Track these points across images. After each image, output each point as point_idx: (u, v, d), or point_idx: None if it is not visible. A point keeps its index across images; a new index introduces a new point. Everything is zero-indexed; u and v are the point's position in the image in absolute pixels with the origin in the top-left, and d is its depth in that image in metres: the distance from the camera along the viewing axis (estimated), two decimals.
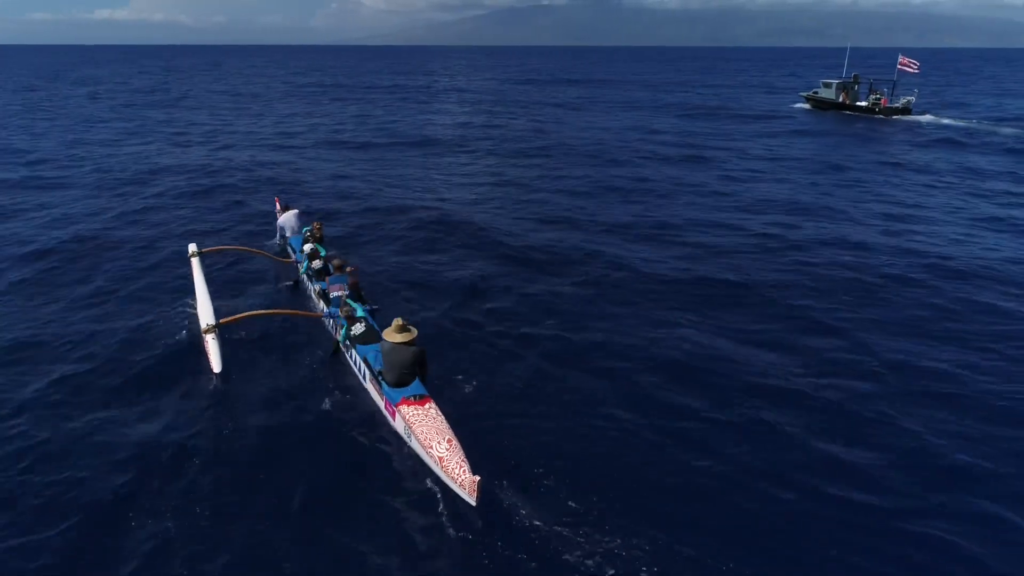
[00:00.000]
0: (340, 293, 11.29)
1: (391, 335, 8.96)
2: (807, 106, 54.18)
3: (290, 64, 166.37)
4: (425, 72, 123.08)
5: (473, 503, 7.26)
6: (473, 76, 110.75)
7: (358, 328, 10.17)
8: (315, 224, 14.53)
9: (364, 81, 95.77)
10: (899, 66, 46.39)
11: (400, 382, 8.93)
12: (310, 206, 20.62)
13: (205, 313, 11.31)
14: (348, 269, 11.61)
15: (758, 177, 26.67)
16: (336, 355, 10.89)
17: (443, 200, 22.35)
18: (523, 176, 26.82)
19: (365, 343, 10.04)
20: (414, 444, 8.32)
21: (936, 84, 79.77)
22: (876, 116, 47.47)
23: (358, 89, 79.77)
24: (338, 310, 10.92)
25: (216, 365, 10.06)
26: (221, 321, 10.80)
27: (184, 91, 74.44)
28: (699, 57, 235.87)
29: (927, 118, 45.67)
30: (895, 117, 46.73)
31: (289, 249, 15.62)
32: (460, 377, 10.31)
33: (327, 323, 11.57)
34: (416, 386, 8.91)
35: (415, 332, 9.08)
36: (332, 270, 11.79)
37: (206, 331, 10.61)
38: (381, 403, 9.23)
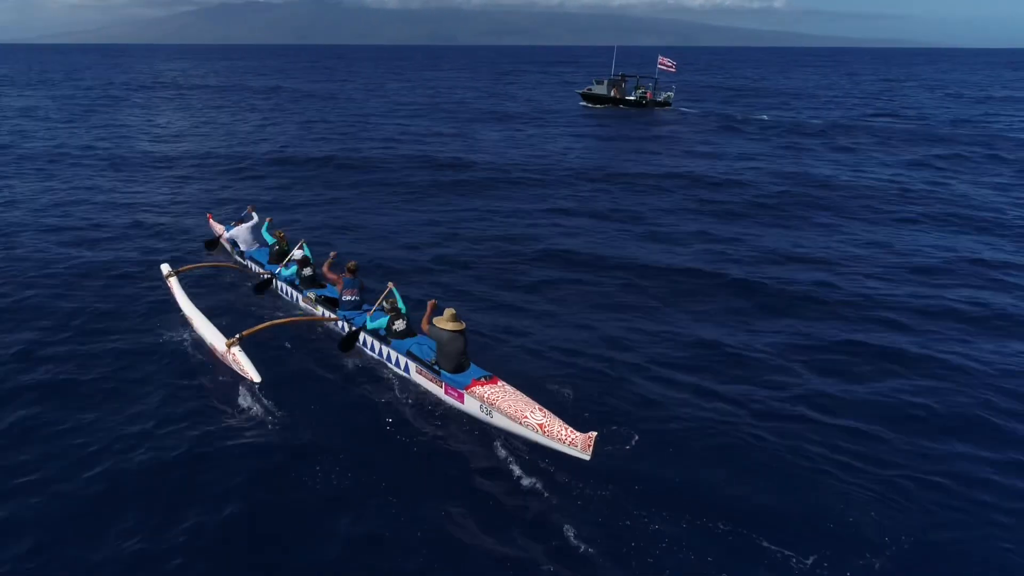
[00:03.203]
0: (353, 297, 11.60)
1: (446, 324, 9.71)
2: (584, 102, 59.24)
3: None
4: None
5: (588, 458, 8.24)
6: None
7: (399, 324, 10.65)
8: (278, 233, 14.20)
9: None
10: (659, 65, 52.89)
11: (459, 367, 9.72)
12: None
13: (211, 331, 11.01)
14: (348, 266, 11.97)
15: None
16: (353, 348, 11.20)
17: None
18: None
19: (402, 338, 10.56)
20: (498, 420, 9.12)
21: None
22: (644, 108, 54.69)
23: None
24: (353, 312, 11.34)
25: (254, 375, 9.96)
26: (244, 333, 10.65)
27: None
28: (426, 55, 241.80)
29: (689, 109, 53.77)
30: (656, 109, 54.13)
31: (251, 263, 14.88)
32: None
33: (341, 326, 11.74)
34: (476, 369, 9.73)
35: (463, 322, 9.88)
36: (344, 272, 11.88)
37: (230, 344, 10.41)
38: (439, 390, 9.93)
